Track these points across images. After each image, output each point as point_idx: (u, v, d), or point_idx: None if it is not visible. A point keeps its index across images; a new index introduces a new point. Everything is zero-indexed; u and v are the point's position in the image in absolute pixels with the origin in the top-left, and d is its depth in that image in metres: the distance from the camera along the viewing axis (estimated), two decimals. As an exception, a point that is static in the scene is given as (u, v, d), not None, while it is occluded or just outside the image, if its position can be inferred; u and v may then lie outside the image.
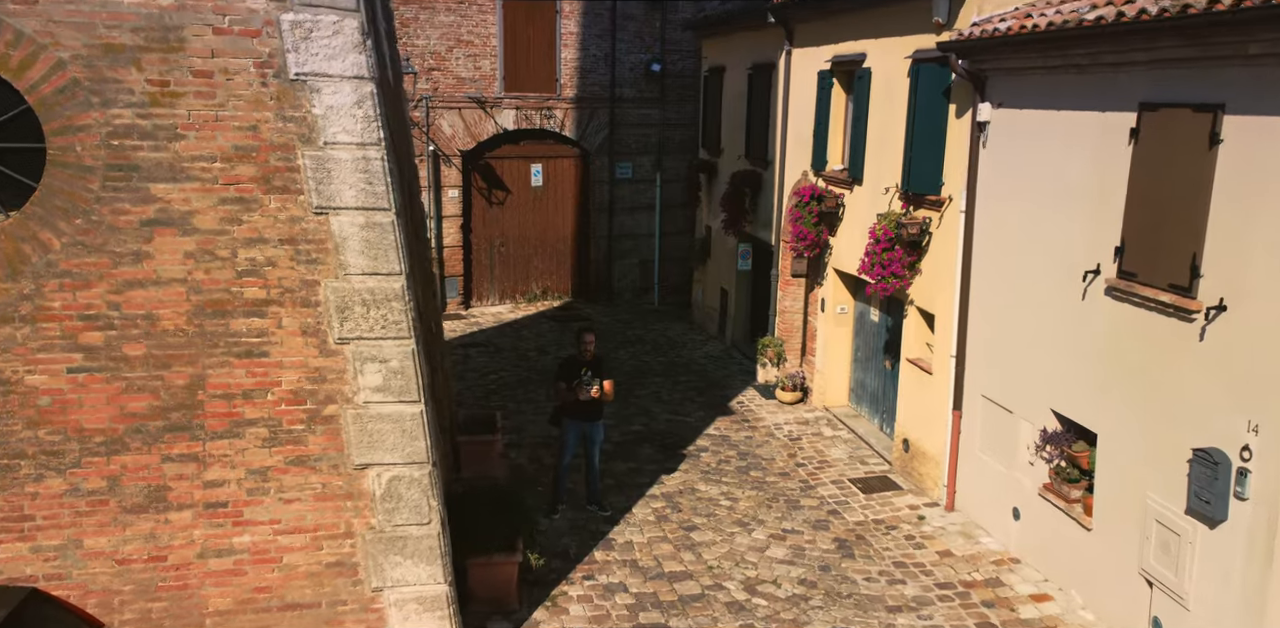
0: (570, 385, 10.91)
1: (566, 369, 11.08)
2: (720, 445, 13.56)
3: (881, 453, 13.11)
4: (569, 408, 11.11)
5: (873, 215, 12.78)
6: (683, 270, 22.46)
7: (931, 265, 11.65)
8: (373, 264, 7.56)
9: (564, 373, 11.07)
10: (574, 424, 11.16)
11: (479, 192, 21.17)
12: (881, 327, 13.74)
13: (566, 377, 10.99)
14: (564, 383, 10.99)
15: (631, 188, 22.15)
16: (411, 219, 10.75)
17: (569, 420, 11.17)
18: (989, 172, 10.45)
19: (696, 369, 17.17)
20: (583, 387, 10.78)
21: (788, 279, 15.99)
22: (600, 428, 11.30)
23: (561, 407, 11.24)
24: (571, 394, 10.89)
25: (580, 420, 11.14)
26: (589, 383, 10.78)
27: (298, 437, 7.57)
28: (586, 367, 10.99)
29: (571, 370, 11.00)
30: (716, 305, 19.23)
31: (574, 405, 11.01)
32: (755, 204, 17.23)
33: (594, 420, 11.19)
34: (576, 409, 11.05)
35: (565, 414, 11.20)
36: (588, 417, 11.13)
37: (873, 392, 14.07)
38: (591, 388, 10.77)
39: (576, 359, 11.12)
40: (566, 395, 10.97)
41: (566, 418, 11.19)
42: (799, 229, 14.27)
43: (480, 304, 21.64)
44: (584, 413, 11.08)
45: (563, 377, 11.04)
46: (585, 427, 11.19)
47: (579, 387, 10.80)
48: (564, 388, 10.98)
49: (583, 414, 11.10)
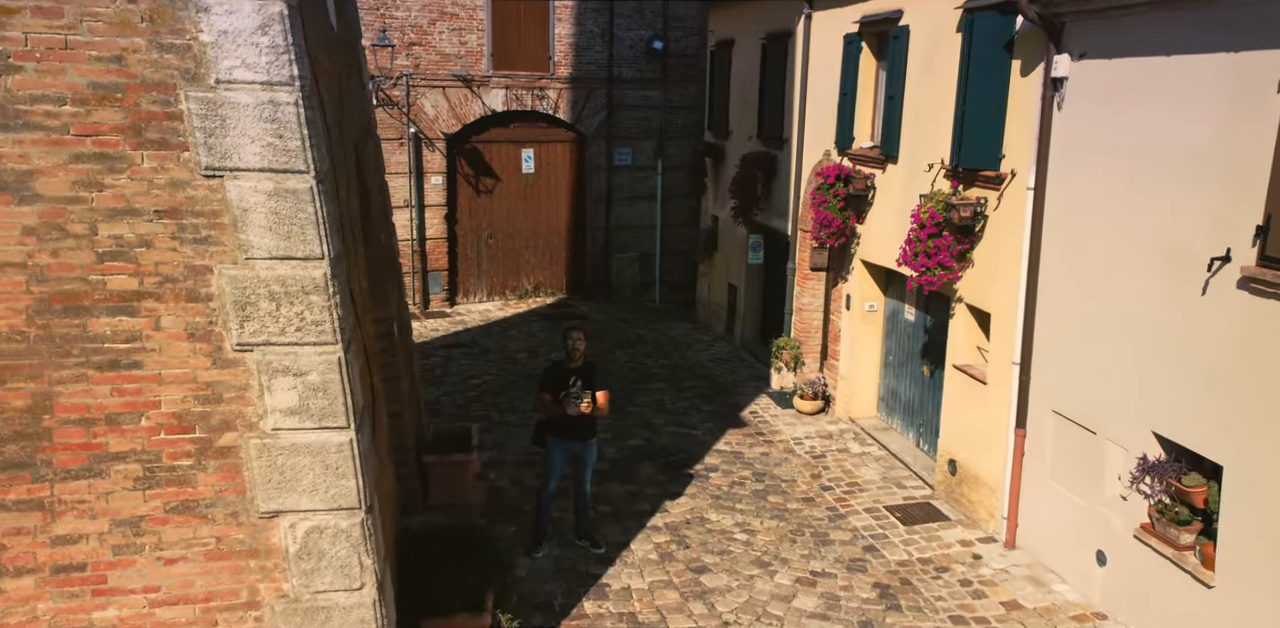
0: (556, 397, 8.91)
1: (552, 378, 9.08)
2: (732, 464, 11.57)
3: (920, 475, 11.11)
4: (555, 424, 9.10)
5: (910, 198, 10.79)
6: (686, 265, 20.48)
7: (987, 254, 9.65)
8: (285, 245, 5.56)
9: (549, 382, 9.07)
10: (560, 444, 9.16)
11: (465, 179, 19.16)
12: (918, 327, 11.75)
13: (552, 387, 9.00)
14: (549, 394, 9.00)
15: (631, 175, 20.15)
16: (366, 193, 8.76)
17: (555, 439, 9.17)
18: (1065, 139, 8.46)
19: (703, 374, 15.17)
20: (571, 399, 8.78)
21: (806, 273, 14.00)
22: (593, 448, 9.30)
23: (546, 422, 9.24)
24: (557, 408, 8.89)
25: (568, 439, 9.14)
26: (578, 395, 8.78)
27: (183, 475, 5.57)
28: (575, 374, 9.00)
29: (558, 379, 9.01)
30: (724, 303, 17.24)
31: (561, 421, 9.01)
32: (768, 190, 15.24)
33: (585, 439, 9.18)
34: (563, 426, 9.05)
35: (550, 431, 9.19)
36: (577, 435, 9.13)
37: (907, 402, 12.07)
38: (581, 401, 8.76)
39: (563, 365, 9.13)
40: (551, 409, 8.98)
41: (552, 436, 9.19)
42: (822, 215, 12.27)
43: (466, 301, 19.64)
44: (573, 430, 9.08)
45: (547, 387, 9.04)
46: (574, 447, 9.19)
47: (566, 399, 8.79)
48: (549, 400, 8.99)
49: (571, 432, 9.10)
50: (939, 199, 9.80)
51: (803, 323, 14.14)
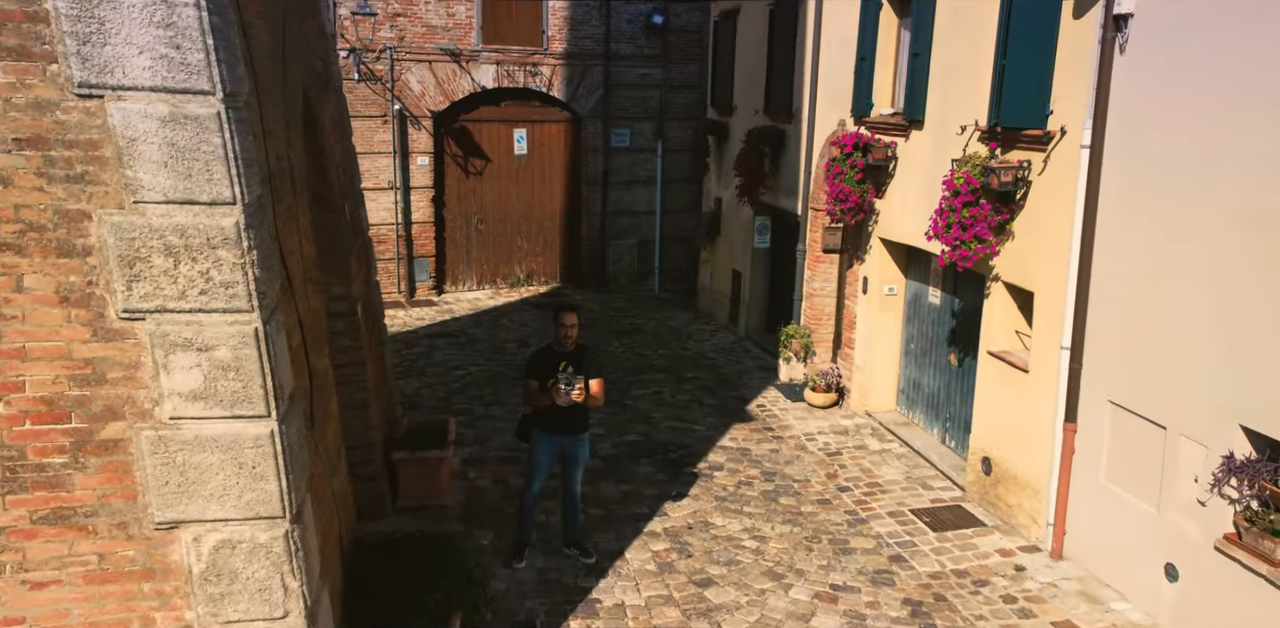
0: (544, 385, 7.71)
1: (540, 363, 7.88)
2: (739, 462, 10.35)
3: (948, 474, 9.90)
4: (542, 416, 7.89)
5: (938, 166, 9.59)
6: (687, 252, 19.27)
7: (1029, 225, 8.44)
8: (185, 186, 4.35)
9: (536, 368, 7.86)
10: (548, 439, 7.95)
11: (453, 159, 17.94)
12: (944, 311, 10.54)
13: (539, 373, 7.79)
14: (536, 381, 7.80)
15: (629, 158, 18.93)
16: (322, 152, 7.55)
17: (541, 433, 7.96)
18: (1129, 89, 7.25)
19: (705, 365, 13.95)
20: (560, 387, 7.57)
21: (818, 255, 12.79)
22: (585, 443, 8.08)
23: (532, 414, 8.04)
24: (545, 397, 7.69)
25: (557, 433, 7.93)
26: (569, 382, 7.57)
27: (55, 477, 4.37)
28: (566, 360, 7.80)
29: (546, 365, 7.80)
30: (728, 290, 16.02)
31: (549, 413, 7.79)
32: (776, 167, 14.03)
33: (575, 433, 7.98)
34: (552, 418, 7.84)
35: (537, 424, 7.98)
36: (567, 428, 7.92)
37: (931, 394, 10.86)
38: (573, 389, 7.55)
39: (553, 350, 7.93)
40: (539, 399, 7.77)
41: (538, 429, 7.98)
42: (838, 188, 11.06)
43: (455, 289, 18.42)
44: (562, 423, 7.88)
45: (535, 373, 7.83)
46: (563, 442, 7.97)
47: (555, 387, 7.59)
48: (536, 388, 7.78)
49: (560, 424, 7.89)
50: (975, 162, 8.59)
51: (814, 309, 12.93)
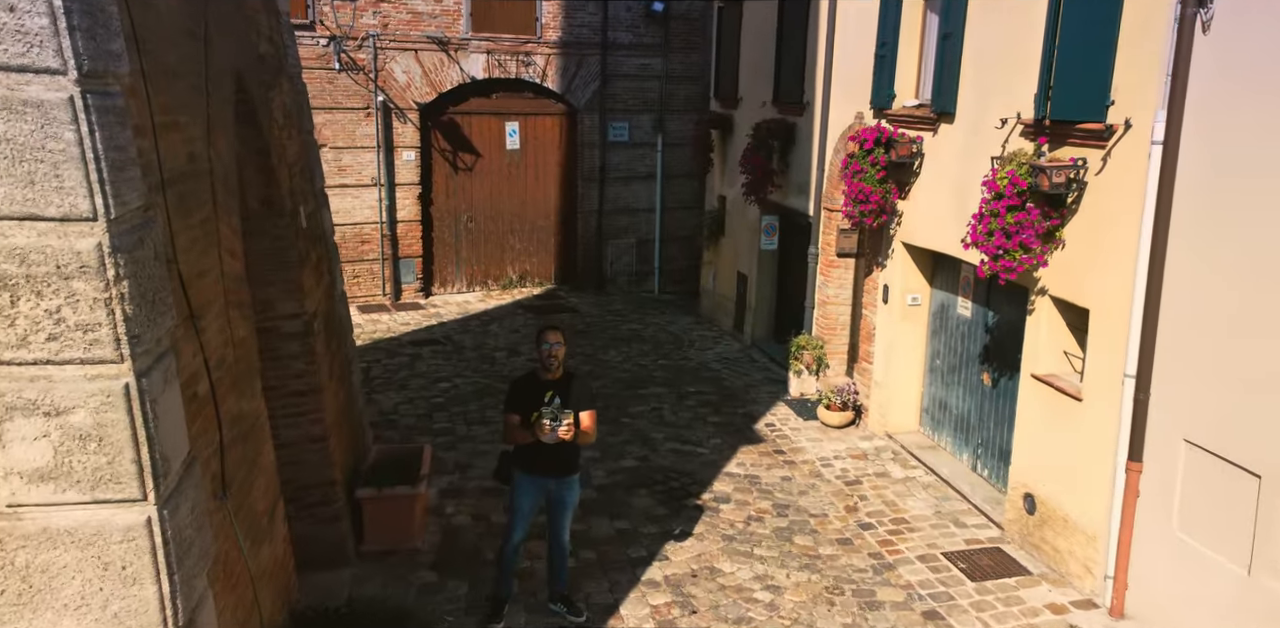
0: (526, 420, 6.59)
1: (521, 394, 6.71)
2: (747, 492, 9.23)
3: (982, 508, 8.78)
4: (524, 455, 6.75)
5: (971, 164, 8.46)
6: (689, 252, 18.13)
7: (1084, 233, 7.30)
8: (24, 196, 3.21)
9: (517, 400, 6.69)
10: (531, 481, 6.80)
11: (441, 154, 16.78)
12: (976, 325, 9.41)
13: (521, 405, 6.64)
14: (517, 415, 6.66)
15: (628, 153, 17.78)
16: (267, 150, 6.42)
17: (524, 476, 6.82)
18: (1212, 74, 6.10)
19: (708, 376, 12.82)
20: (545, 423, 6.43)
21: (832, 259, 11.66)
22: (574, 487, 6.92)
23: (514, 452, 6.90)
24: (528, 434, 6.54)
25: (541, 475, 6.80)
26: (556, 416, 6.42)
27: None
28: (552, 389, 6.66)
29: (529, 395, 6.65)
30: (732, 294, 14.89)
31: (532, 451, 6.65)
32: (786, 163, 12.89)
33: (563, 475, 6.82)
34: (536, 457, 6.69)
35: (519, 465, 6.84)
36: (554, 469, 6.77)
37: (961, 416, 9.73)
38: (560, 425, 6.39)
39: (536, 378, 6.78)
40: (520, 436, 6.63)
41: (520, 471, 6.85)
42: (858, 188, 9.92)
43: (443, 291, 17.27)
44: (548, 463, 6.73)
45: (515, 406, 6.68)
46: (549, 485, 6.83)
47: (539, 423, 6.45)
48: (517, 423, 6.65)
49: (546, 465, 6.74)
50: (1021, 161, 7.45)
51: (827, 318, 11.80)
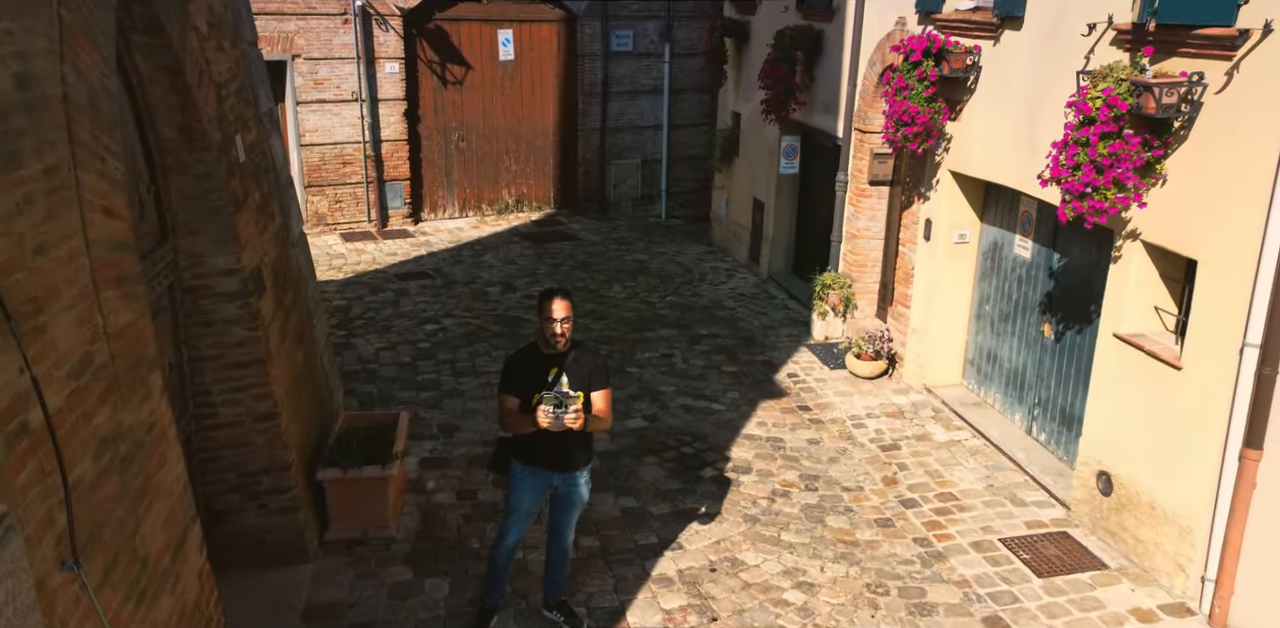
0: (526, 404, 5.34)
1: (520, 371, 5.47)
2: (771, 458, 8.06)
3: (1042, 481, 7.59)
4: (525, 445, 5.50)
5: (1047, 78, 7.04)
6: (699, 173, 16.67)
7: (1194, 166, 5.92)
8: None
9: (516, 378, 5.45)
10: (534, 476, 5.58)
11: (428, 66, 15.18)
12: (1037, 268, 8.09)
13: (520, 385, 5.40)
14: (516, 398, 5.41)
15: (632, 64, 16.15)
16: (180, 70, 5.04)
17: (524, 468, 5.60)
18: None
19: (723, 317, 11.54)
20: (548, 410, 5.17)
21: (863, 188, 10.28)
22: (581, 483, 5.69)
23: (512, 441, 5.67)
24: (528, 421, 5.29)
25: (545, 469, 5.58)
26: (561, 402, 5.16)
27: None
28: (557, 366, 5.42)
29: (530, 373, 5.42)
30: (747, 222, 13.51)
31: (534, 440, 5.38)
32: (811, 77, 11.38)
33: (572, 470, 5.59)
34: (539, 448, 5.45)
35: (519, 455, 5.60)
36: (560, 462, 5.55)
37: (1013, 371, 8.48)
38: (567, 412, 5.13)
39: (538, 351, 5.51)
40: (520, 423, 5.38)
41: (520, 463, 5.62)
42: (901, 108, 8.47)
43: (433, 217, 15.87)
44: (553, 455, 5.50)
45: (514, 386, 5.43)
46: (555, 482, 5.63)
47: (541, 408, 5.20)
48: (516, 408, 5.40)
49: (551, 457, 5.52)
50: (1119, 78, 6.02)
51: (857, 254, 10.47)
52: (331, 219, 14.76)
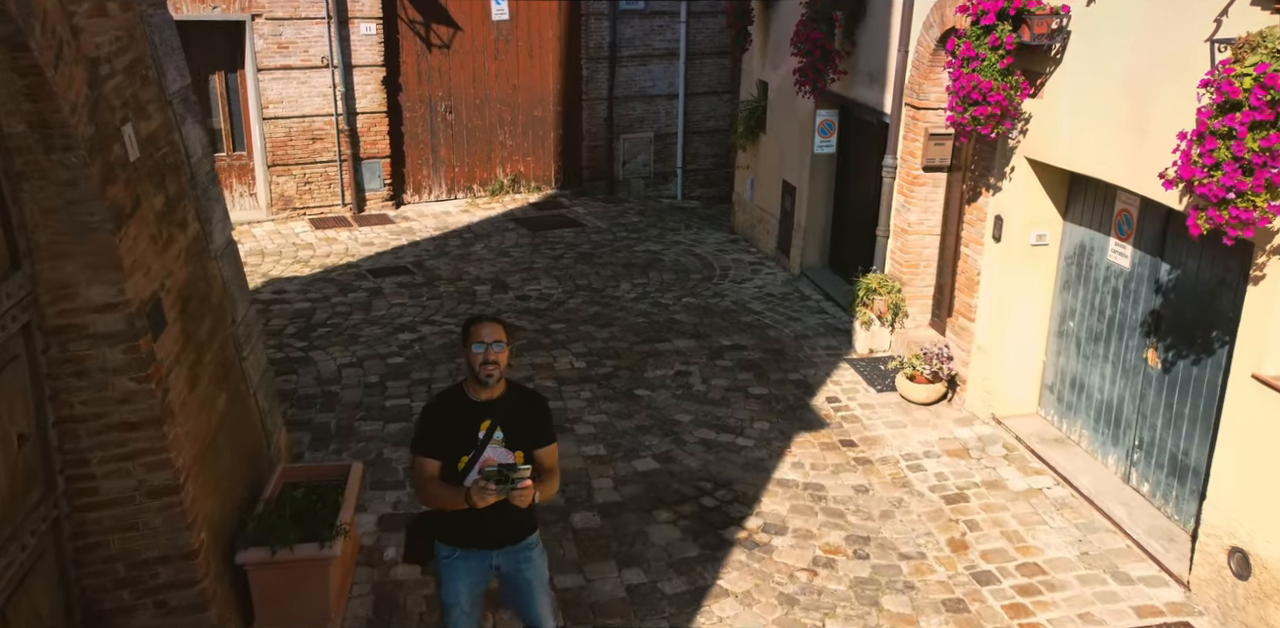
0: (452, 468, 4.38)
1: (441, 425, 4.45)
2: (809, 513, 6.93)
3: (1148, 547, 6.44)
4: (449, 519, 4.46)
5: (1167, 46, 5.83)
6: (720, 148, 15.48)
7: (1379, 167, 4.72)
8: None
9: (435, 434, 4.44)
10: (465, 561, 4.56)
11: (410, 27, 13.97)
12: (1140, 280, 6.90)
13: (442, 445, 4.41)
14: (435, 462, 4.40)
15: (644, 24, 14.91)
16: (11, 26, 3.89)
17: (450, 551, 4.57)
18: None
19: (748, 322, 10.37)
20: (487, 487, 4.12)
21: (915, 174, 9.10)
22: (533, 556, 4.65)
23: (427, 517, 4.66)
24: (458, 496, 4.24)
25: (478, 547, 4.54)
26: (505, 476, 4.11)
27: None
28: (489, 417, 4.39)
29: (454, 427, 4.41)
30: (775, 208, 12.32)
31: (461, 513, 4.31)
32: (852, 41, 10.15)
33: (512, 542, 4.57)
34: (467, 522, 4.38)
35: (441, 534, 4.58)
36: (495, 536, 4.52)
37: (1106, 403, 7.31)
38: (514, 486, 4.11)
39: (463, 397, 4.46)
40: (445, 497, 4.34)
41: (446, 544, 4.58)
42: (969, 83, 7.24)
43: (418, 199, 14.72)
44: (484, 527, 4.44)
45: (434, 445, 4.42)
46: (496, 561, 4.58)
47: (476, 489, 4.15)
48: (436, 477, 4.39)
49: (481, 531, 4.47)
50: (1275, 47, 4.82)
51: (907, 253, 9.29)
52: (300, 203, 13.63)
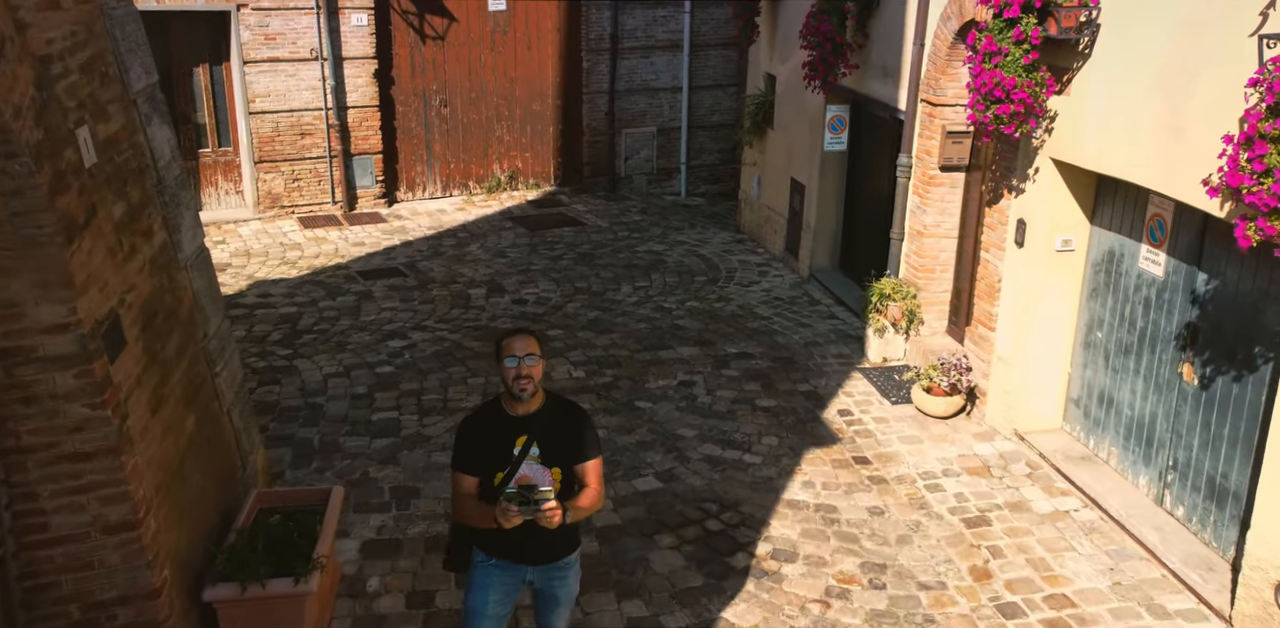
0: (490, 485, 4.16)
1: (476, 441, 4.23)
2: (821, 537, 6.59)
3: (1184, 578, 6.09)
4: (489, 531, 4.17)
5: (1208, 40, 5.47)
6: (725, 144, 15.12)
7: None
8: None
9: (471, 451, 4.23)
10: (500, 572, 4.33)
11: (403, 17, 13.60)
12: (1174, 289, 6.54)
13: (479, 461, 4.20)
14: (473, 478, 4.20)
15: (646, 14, 14.54)
16: None
17: (487, 561, 4.36)
18: None
19: (756, 329, 10.01)
20: (510, 508, 3.90)
21: (931, 174, 8.75)
22: (569, 575, 4.45)
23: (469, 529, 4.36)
24: (488, 516, 4.02)
25: (516, 561, 4.31)
26: (527, 498, 3.91)
27: None
28: (526, 432, 4.14)
29: (489, 444, 4.19)
30: (783, 208, 11.95)
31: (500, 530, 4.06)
32: (865, 34, 9.78)
33: (553, 559, 4.36)
34: (507, 534, 4.09)
35: (481, 544, 4.35)
36: (534, 552, 4.31)
37: (1137, 420, 6.96)
38: (536, 509, 3.90)
39: (499, 412, 4.22)
40: (478, 517, 4.13)
41: (483, 555, 4.36)
42: (992, 79, 6.87)
43: (411, 197, 14.37)
44: (524, 542, 4.19)
45: (471, 462, 4.21)
46: (530, 576, 4.36)
47: (509, 505, 3.90)
48: (473, 492, 4.18)
49: (521, 546, 4.24)
50: (1337, 44, 4.47)
51: (923, 256, 8.94)
52: (288, 201, 13.28)
